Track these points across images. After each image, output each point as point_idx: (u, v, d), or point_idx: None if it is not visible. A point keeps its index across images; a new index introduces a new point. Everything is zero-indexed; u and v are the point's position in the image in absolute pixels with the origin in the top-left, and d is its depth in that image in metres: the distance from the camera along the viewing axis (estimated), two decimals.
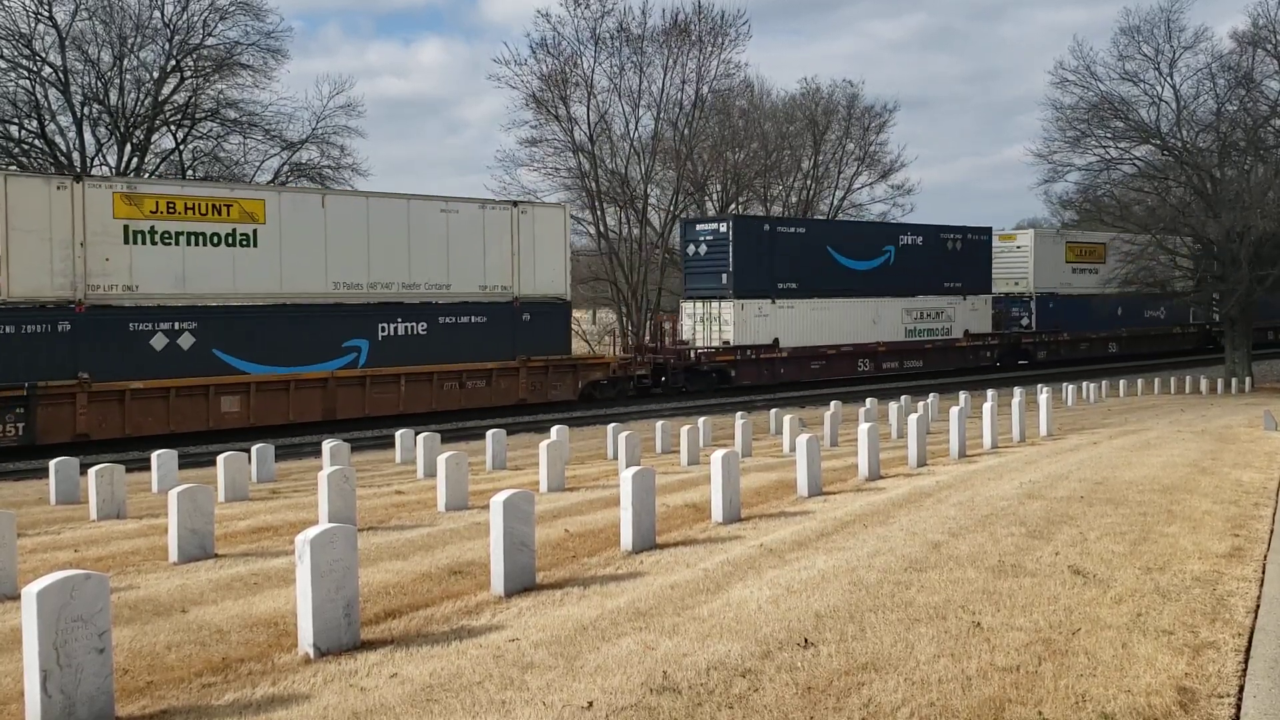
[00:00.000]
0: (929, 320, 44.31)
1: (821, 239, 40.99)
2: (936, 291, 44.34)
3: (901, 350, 43.06)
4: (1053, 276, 49.94)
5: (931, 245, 44.38)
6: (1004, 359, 47.65)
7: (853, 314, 41.32)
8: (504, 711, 5.44)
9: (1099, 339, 51.74)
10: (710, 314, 38.47)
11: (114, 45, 41.21)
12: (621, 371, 35.76)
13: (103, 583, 5.55)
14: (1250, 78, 45.32)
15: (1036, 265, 49.46)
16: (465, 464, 13.50)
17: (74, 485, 16.30)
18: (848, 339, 40.87)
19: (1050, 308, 49.62)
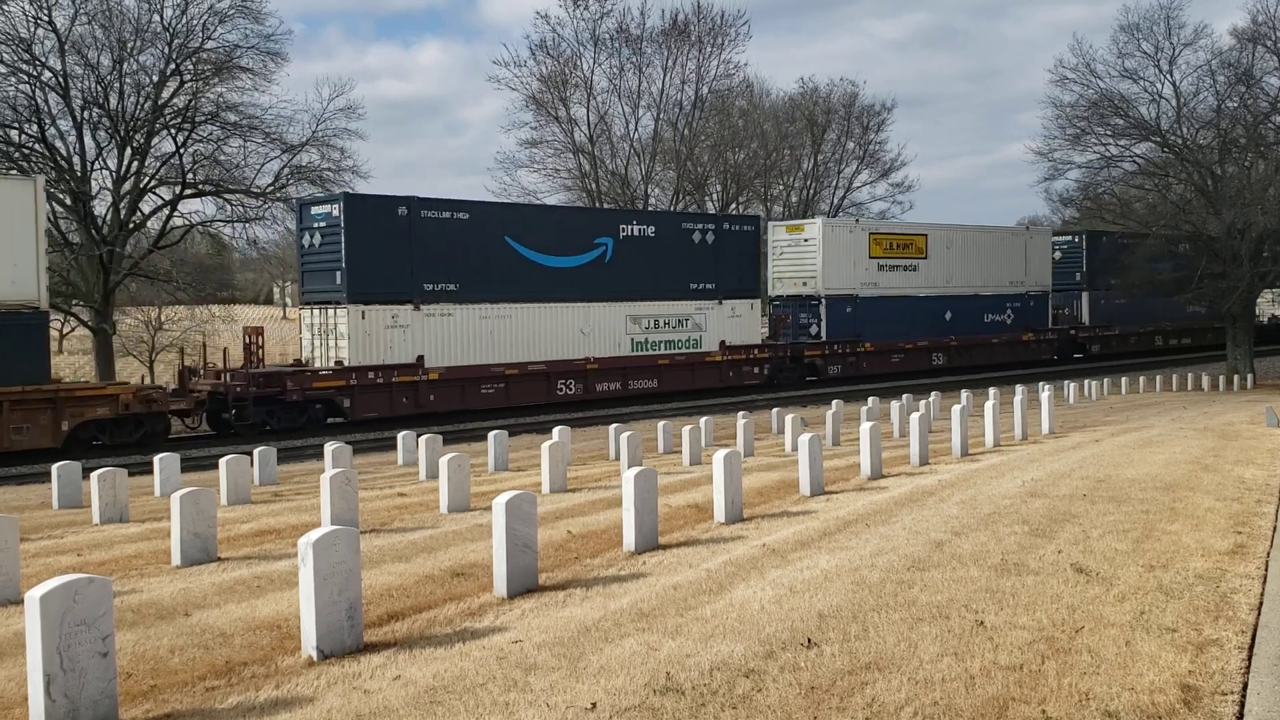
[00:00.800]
0: (668, 330, 35.40)
1: (498, 227, 31.56)
2: (677, 294, 35.73)
3: (625, 368, 34.17)
4: (851, 275, 41.72)
5: (668, 237, 35.70)
6: (781, 375, 39.10)
7: (549, 324, 32.37)
8: (507, 713, 5.44)
9: (918, 349, 43.93)
10: (326, 324, 29.65)
11: (113, 49, 41.20)
12: (142, 407, 25.32)
13: (106, 586, 5.55)
14: (1250, 74, 45.33)
15: (827, 262, 40.93)
16: (467, 466, 13.50)
17: (76, 489, 16.30)
18: (540, 355, 32.12)
19: (848, 313, 41.54)
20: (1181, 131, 46.74)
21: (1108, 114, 46.37)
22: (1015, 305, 47.99)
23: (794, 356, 39.72)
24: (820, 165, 62.09)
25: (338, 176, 46.08)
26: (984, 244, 46.89)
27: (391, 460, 22.26)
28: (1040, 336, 49.06)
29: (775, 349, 39.22)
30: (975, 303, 46.24)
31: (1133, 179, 49.67)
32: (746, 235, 38.61)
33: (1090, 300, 52.30)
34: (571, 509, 12.63)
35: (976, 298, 46.30)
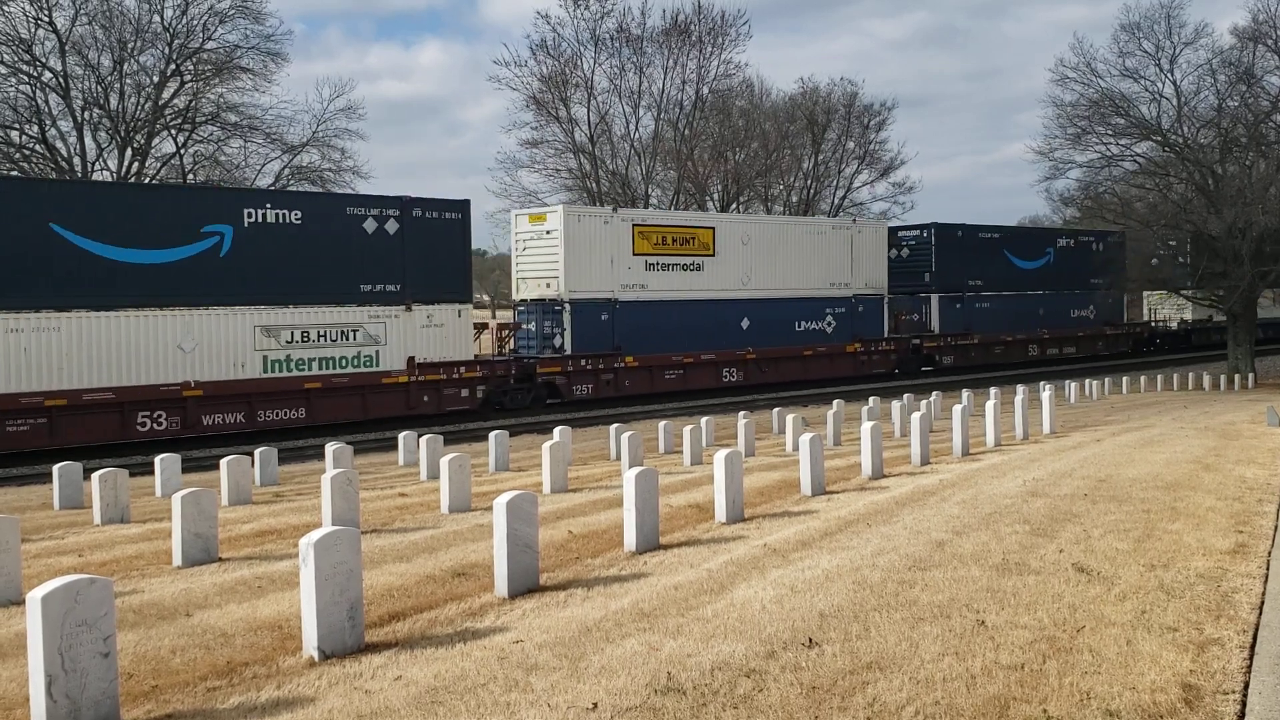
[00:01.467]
0: (325, 345, 27.66)
1: (39, 210, 23.62)
2: (339, 298, 27.92)
3: (250, 394, 26.26)
4: (608, 276, 34.04)
5: (323, 225, 27.69)
6: (506, 398, 32.08)
7: (132, 336, 24.51)
8: (509, 713, 5.44)
9: (700, 364, 36.03)
10: None
11: (114, 50, 41.24)
12: None
13: (107, 587, 5.55)
14: (1251, 73, 45.31)
15: (572, 259, 33.03)
16: (468, 466, 13.50)
17: (78, 490, 16.31)
18: (112, 379, 24.10)
19: (603, 321, 33.69)
20: (1182, 131, 46.73)
21: (1108, 113, 46.35)
22: (839, 311, 40.18)
23: (524, 375, 32.35)
24: (820, 165, 62.05)
25: (338, 177, 46.15)
26: (795, 239, 39.34)
27: (392, 460, 22.26)
28: (872, 348, 41.26)
29: (495, 366, 31.85)
30: (783, 309, 38.40)
31: (1133, 178, 49.64)
32: (450, 224, 30.21)
33: (941, 305, 44.80)
34: (572, 509, 12.63)
35: (785, 303, 38.44)
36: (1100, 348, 51.58)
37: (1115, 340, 52.52)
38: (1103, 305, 51.14)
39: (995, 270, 46.49)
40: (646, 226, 35.35)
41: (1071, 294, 49.69)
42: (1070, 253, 49.75)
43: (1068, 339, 49.77)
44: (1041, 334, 48.43)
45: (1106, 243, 50.21)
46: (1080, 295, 50.05)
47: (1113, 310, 51.89)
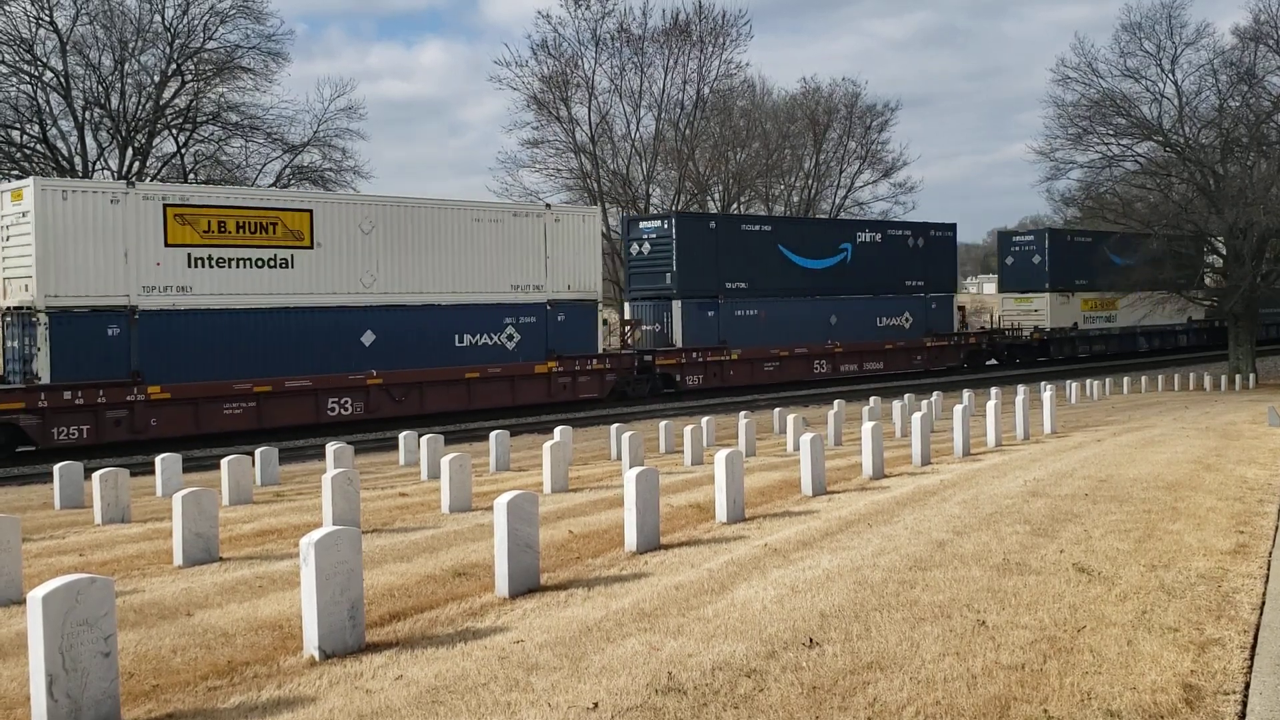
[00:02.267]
0: None
1: None
2: None
3: None
4: (123, 274, 24.53)
5: None
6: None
7: None
8: (509, 713, 5.44)
9: (285, 394, 26.85)
10: None
11: (115, 49, 41.27)
12: None
13: (108, 587, 5.55)
14: (1252, 73, 45.31)
15: (49, 251, 23.62)
16: (469, 466, 13.50)
17: (78, 489, 16.31)
18: None
19: (111, 337, 24.46)
20: (1183, 131, 46.72)
21: (1110, 113, 46.35)
22: (525, 322, 31.46)
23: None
24: (822, 165, 62.08)
25: (339, 177, 46.17)
26: (452, 229, 29.98)
27: (393, 460, 22.26)
28: (576, 368, 32.54)
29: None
30: (431, 318, 29.50)
31: (1135, 178, 49.63)
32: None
33: (686, 312, 36.47)
34: (573, 509, 12.63)
35: (434, 310, 29.54)
36: (919, 362, 43.66)
37: (940, 354, 44.93)
38: (923, 312, 44.18)
39: (766, 270, 38.37)
40: (191, 208, 25.51)
41: (878, 299, 42.02)
42: (876, 249, 42.32)
43: (872, 353, 41.43)
44: (831, 347, 39.63)
45: (929, 238, 44.59)
46: (892, 301, 42.76)
47: (939, 318, 44.87)
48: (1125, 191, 51.10)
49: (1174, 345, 57.32)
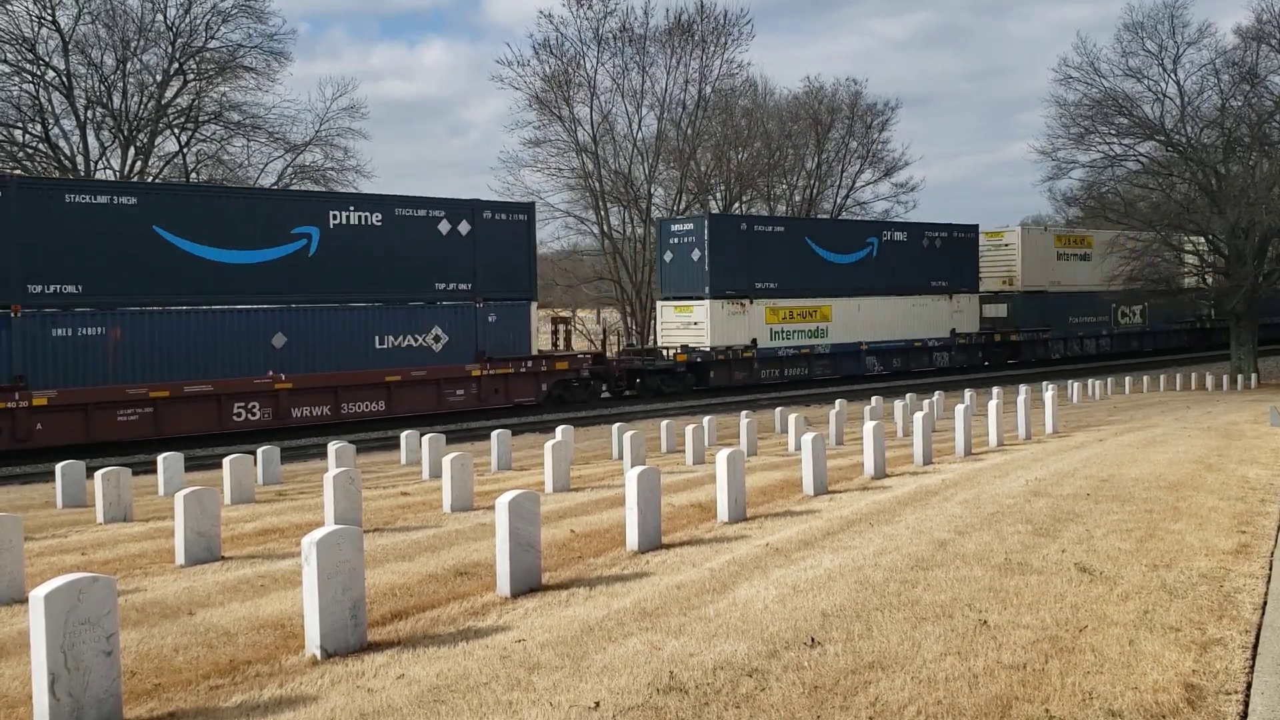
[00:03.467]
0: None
1: None
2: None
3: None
4: None
5: None
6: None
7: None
8: (511, 712, 5.44)
9: None
10: None
11: (117, 49, 41.29)
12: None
13: (110, 585, 5.56)
14: (1254, 73, 45.27)
15: None
16: (470, 465, 13.50)
17: (80, 488, 16.33)
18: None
19: None
20: (1185, 130, 46.69)
21: (1111, 113, 46.33)
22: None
23: None
24: (824, 165, 62.05)
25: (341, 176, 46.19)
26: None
27: (395, 460, 22.28)
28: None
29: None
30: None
31: (1137, 178, 49.61)
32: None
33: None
34: (574, 508, 12.64)
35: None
36: (459, 398, 30.37)
37: (491, 384, 30.91)
38: (465, 327, 30.53)
39: (145, 267, 25.30)
40: None
41: (377, 309, 28.93)
42: (350, 234, 28.46)
43: (357, 388, 28.37)
44: (272, 381, 26.86)
45: (477, 218, 30.88)
46: (409, 312, 29.58)
47: (510, 336, 31.52)
48: (1127, 191, 51.08)
49: (929, 365, 44.92)
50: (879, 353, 42.47)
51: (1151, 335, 56.28)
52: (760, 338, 38.90)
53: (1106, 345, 53.06)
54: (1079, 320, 51.86)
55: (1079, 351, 52.17)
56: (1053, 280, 51.19)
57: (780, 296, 39.42)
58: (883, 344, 42.52)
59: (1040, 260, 50.97)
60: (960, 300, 45.91)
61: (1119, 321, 53.95)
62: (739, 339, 38.57)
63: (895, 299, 43.05)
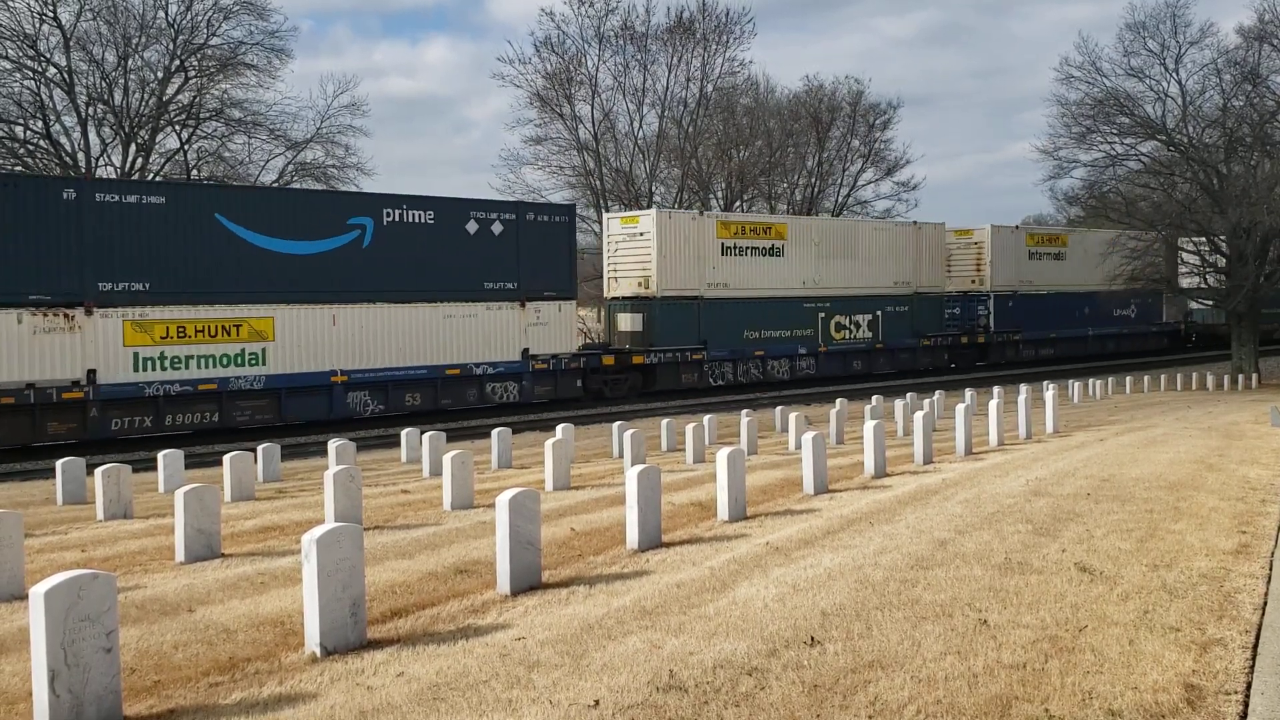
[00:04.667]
0: None
1: None
2: None
3: None
4: None
5: None
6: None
7: None
8: (510, 710, 5.44)
9: None
10: None
11: (118, 45, 41.28)
12: None
13: (110, 582, 5.56)
14: (1256, 73, 45.21)
15: None
16: (470, 463, 13.50)
17: (80, 485, 16.33)
18: None
19: None
20: (1187, 130, 46.64)
21: (1113, 112, 46.28)
22: None
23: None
24: (825, 163, 62.02)
25: (342, 174, 46.20)
26: None
27: (395, 457, 22.28)
28: None
29: None
30: None
31: (1138, 178, 49.55)
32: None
33: None
34: (575, 506, 12.64)
35: None
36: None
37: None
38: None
39: None
40: None
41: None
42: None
43: None
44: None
45: None
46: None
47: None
48: (1128, 191, 51.02)
49: (478, 400, 30.76)
50: (375, 386, 28.42)
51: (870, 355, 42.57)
52: (111, 368, 24.12)
53: (811, 368, 39.97)
54: (759, 335, 38.40)
55: (761, 376, 38.55)
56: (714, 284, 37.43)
57: (156, 304, 24.76)
58: (383, 374, 28.45)
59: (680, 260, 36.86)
60: (542, 310, 31.74)
61: (833, 336, 40.67)
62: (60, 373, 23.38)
63: (410, 308, 28.85)
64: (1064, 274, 50.36)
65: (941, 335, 45.23)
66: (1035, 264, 49.64)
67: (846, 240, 41.93)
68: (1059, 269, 50.32)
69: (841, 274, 40.98)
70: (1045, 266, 50.01)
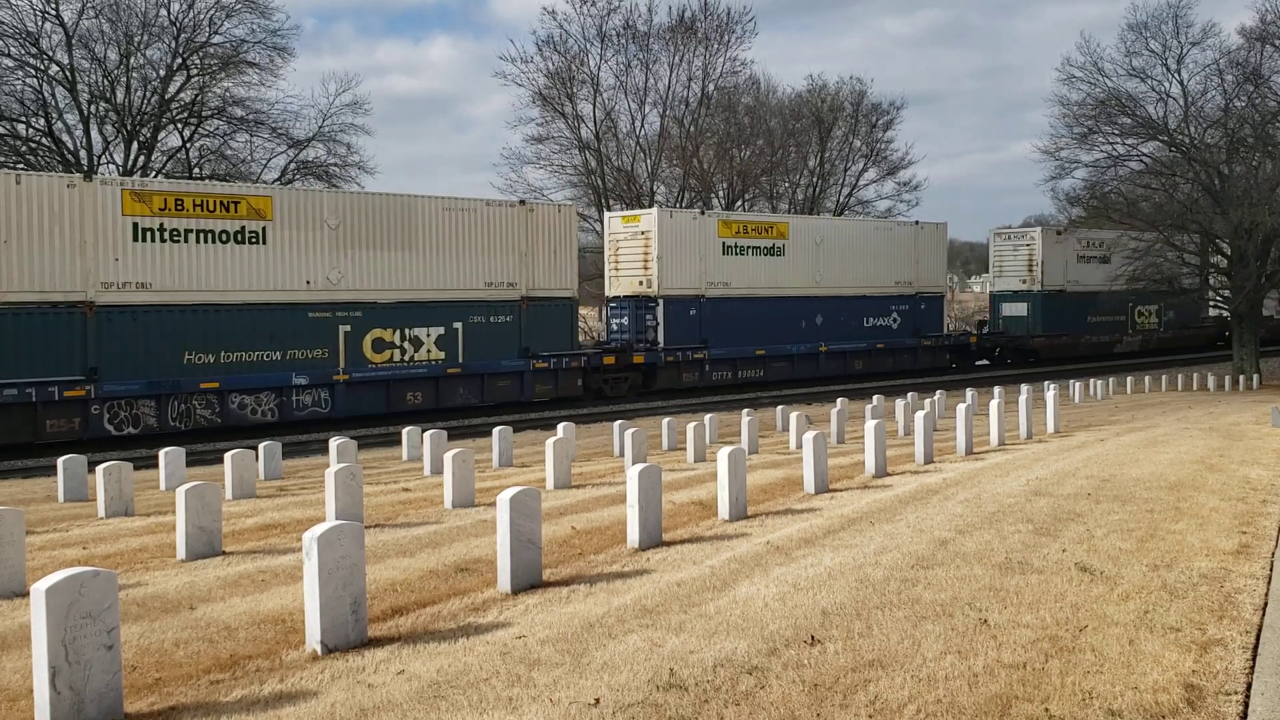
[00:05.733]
0: None
1: None
2: None
3: None
4: None
5: None
6: None
7: None
8: (511, 708, 5.44)
9: None
10: None
11: (120, 43, 41.29)
12: None
13: (111, 580, 5.56)
14: (1258, 73, 45.20)
15: None
16: (471, 461, 13.51)
17: (82, 483, 16.34)
18: None
19: None
20: (1189, 131, 46.63)
21: (1115, 113, 46.27)
22: None
23: None
24: (827, 163, 62.01)
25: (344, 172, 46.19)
26: None
27: (396, 456, 22.28)
28: None
29: None
30: None
31: (1140, 178, 49.53)
32: None
33: None
34: (576, 505, 12.64)
35: None
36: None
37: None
38: None
39: None
40: None
41: None
42: None
43: None
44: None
45: None
46: None
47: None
48: (1130, 191, 50.97)
49: None
50: None
51: None
52: None
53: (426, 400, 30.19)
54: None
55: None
56: None
57: None
58: None
59: None
60: None
61: None
62: None
63: None
64: (781, 274, 39.24)
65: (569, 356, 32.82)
66: (735, 261, 37.91)
67: None
68: (773, 268, 39.06)
69: None
70: (750, 265, 38.34)
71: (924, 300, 44.04)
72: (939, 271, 45.28)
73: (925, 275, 44.07)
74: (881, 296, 42.29)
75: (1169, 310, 52.51)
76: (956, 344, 46.66)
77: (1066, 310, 49.62)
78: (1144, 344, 53.36)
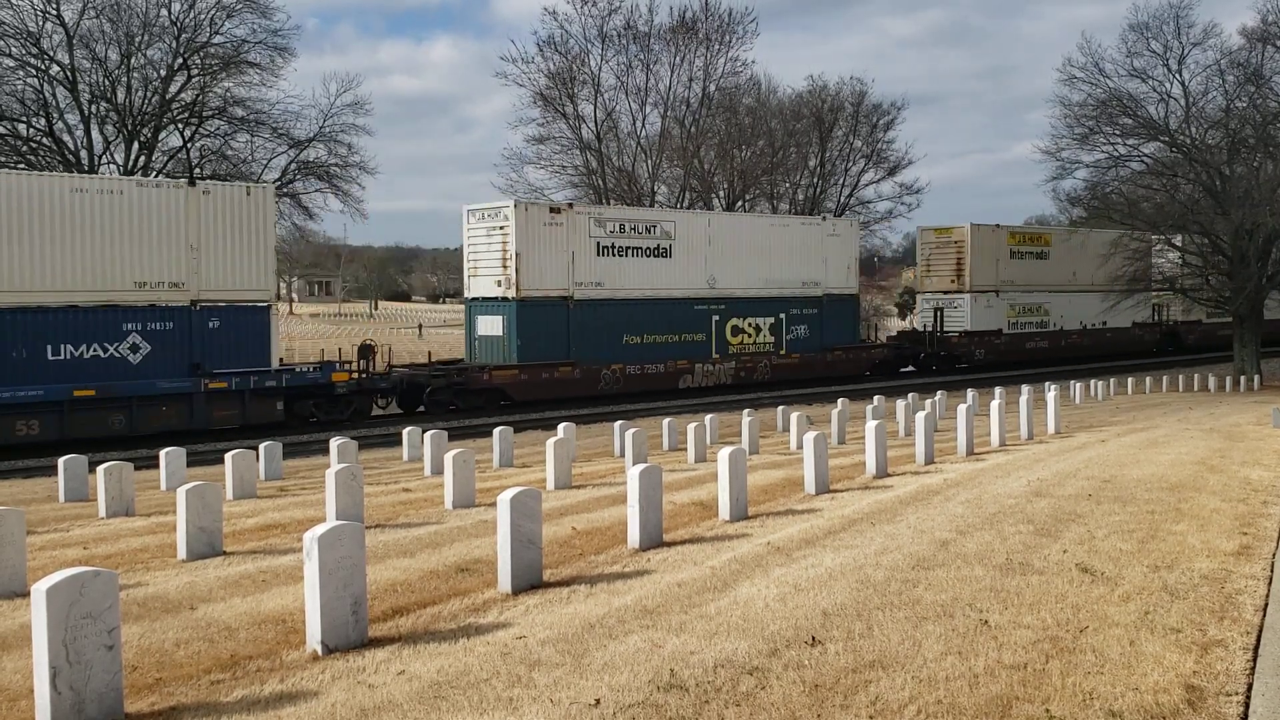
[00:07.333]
0: None
1: None
2: None
3: None
4: None
5: None
6: None
7: None
8: (511, 709, 5.44)
9: None
10: None
11: (121, 43, 41.27)
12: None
13: (111, 580, 5.56)
14: (1259, 74, 45.20)
15: None
16: (472, 461, 13.51)
17: (83, 483, 16.35)
18: None
19: None
20: (1190, 131, 46.63)
21: (1116, 113, 46.28)
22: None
23: None
24: (828, 164, 61.97)
25: (345, 172, 46.15)
26: None
27: (397, 456, 22.28)
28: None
29: None
30: None
31: (1141, 179, 49.54)
32: None
33: None
34: (576, 505, 12.64)
35: None
36: None
37: None
38: None
39: None
40: None
41: None
42: None
43: None
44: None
45: None
46: None
47: None
48: (1131, 192, 50.97)
49: None
50: None
51: None
52: None
53: None
54: None
55: None
56: None
57: None
58: None
59: None
60: None
61: None
62: None
63: None
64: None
65: None
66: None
67: None
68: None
69: None
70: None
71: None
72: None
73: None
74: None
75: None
76: None
77: None
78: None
